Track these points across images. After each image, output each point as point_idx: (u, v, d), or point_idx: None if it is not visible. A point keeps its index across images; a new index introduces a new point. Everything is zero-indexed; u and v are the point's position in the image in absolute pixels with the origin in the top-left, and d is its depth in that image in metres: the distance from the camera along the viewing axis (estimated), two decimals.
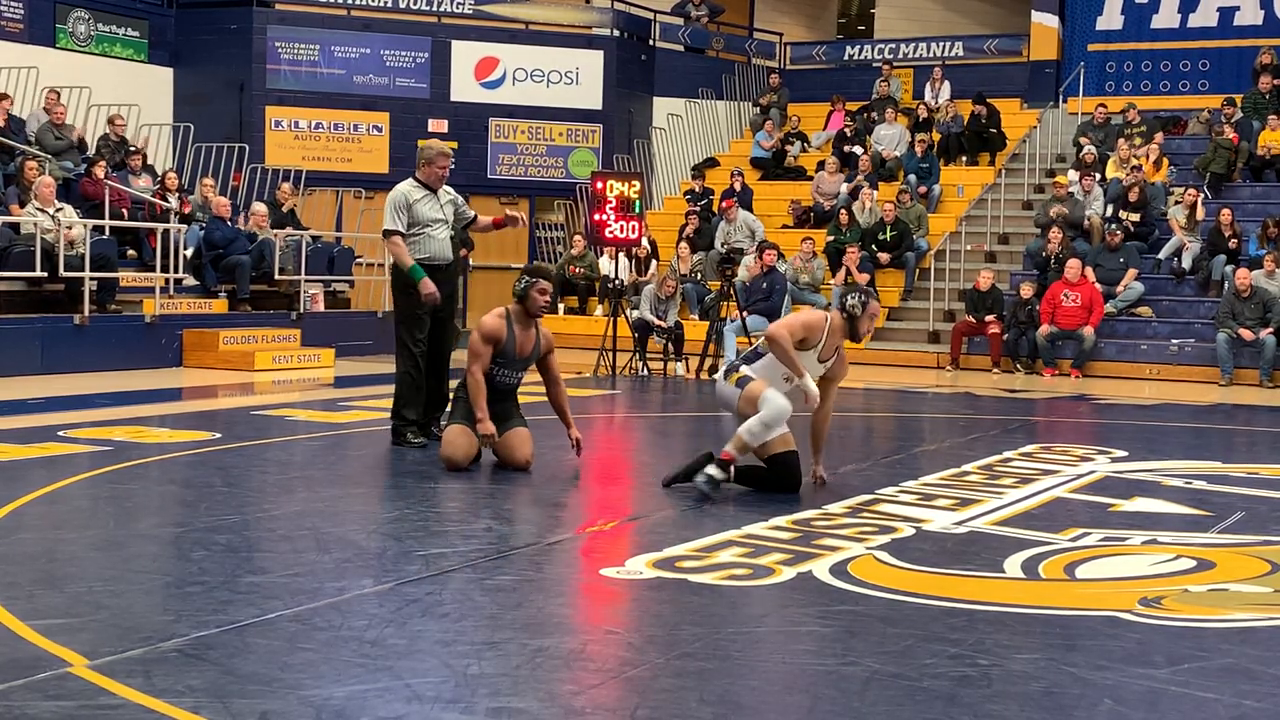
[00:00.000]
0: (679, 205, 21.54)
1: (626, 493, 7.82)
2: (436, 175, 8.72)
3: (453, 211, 8.87)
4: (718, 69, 24.61)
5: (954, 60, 23.98)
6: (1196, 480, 8.09)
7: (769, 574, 5.35)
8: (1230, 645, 4.54)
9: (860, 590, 5.16)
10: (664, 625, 4.65)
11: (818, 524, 6.38)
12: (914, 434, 11.32)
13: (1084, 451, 9.27)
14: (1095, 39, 22.94)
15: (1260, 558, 5.95)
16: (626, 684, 4.00)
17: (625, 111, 22.83)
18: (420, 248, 8.66)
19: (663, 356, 15.61)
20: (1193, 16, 22.35)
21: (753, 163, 22.69)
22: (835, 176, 20.74)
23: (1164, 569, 5.71)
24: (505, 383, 7.98)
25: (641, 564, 5.47)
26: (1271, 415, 12.74)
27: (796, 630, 4.61)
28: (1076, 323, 16.21)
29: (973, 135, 21.56)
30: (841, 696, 3.93)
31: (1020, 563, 5.71)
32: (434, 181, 8.73)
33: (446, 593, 4.95)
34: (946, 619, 4.80)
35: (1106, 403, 13.46)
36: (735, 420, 7.22)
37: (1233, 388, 15.14)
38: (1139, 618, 4.85)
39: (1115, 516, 6.90)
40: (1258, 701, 3.93)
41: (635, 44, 23.43)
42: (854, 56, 25.44)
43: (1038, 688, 4.05)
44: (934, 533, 6.32)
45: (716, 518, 6.53)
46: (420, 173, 8.75)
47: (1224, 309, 15.73)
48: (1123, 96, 21.91)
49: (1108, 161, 19.47)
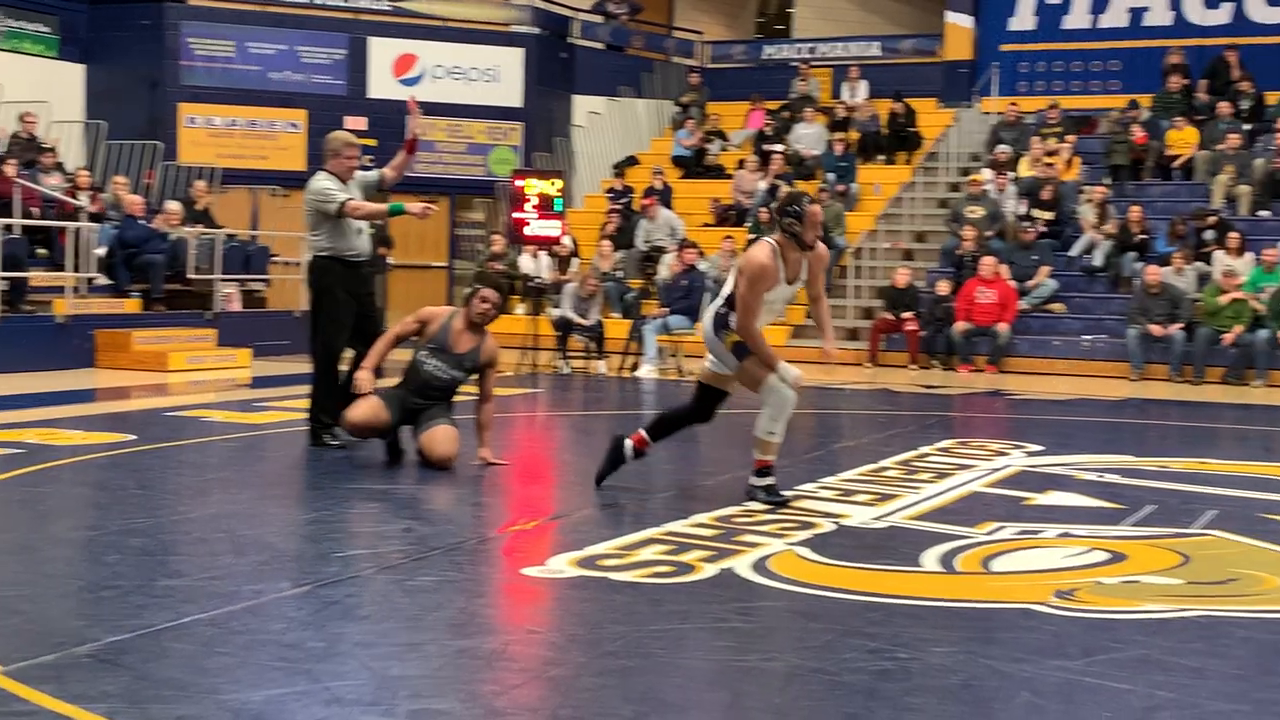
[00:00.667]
0: (600, 203, 21.53)
1: (549, 492, 7.82)
2: (346, 166, 8.61)
3: (365, 198, 8.76)
4: (637, 67, 24.63)
5: (871, 60, 24.17)
6: (1109, 474, 8.22)
7: (691, 571, 5.37)
8: (1143, 636, 4.62)
9: (781, 586, 5.19)
10: (586, 624, 4.65)
11: (739, 520, 6.41)
12: (833, 430, 11.40)
13: (999, 446, 9.39)
14: (1008, 39, 23.22)
15: (1171, 550, 6.06)
16: (549, 684, 4.00)
17: (545, 109, 22.78)
18: (336, 241, 8.55)
19: (584, 355, 15.60)
20: (1103, 17, 22.69)
21: (674, 161, 22.73)
22: (755, 175, 20.84)
23: (1078, 561, 5.80)
24: (435, 375, 7.86)
25: (563, 563, 5.46)
26: (1181, 409, 12.97)
27: (718, 627, 4.63)
28: (991, 319, 16.41)
29: (890, 134, 21.75)
30: (763, 693, 3.95)
31: (937, 557, 5.78)
32: (344, 173, 8.62)
33: (366, 595, 4.92)
34: (866, 613, 4.85)
35: (1021, 398, 13.64)
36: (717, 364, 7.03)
37: (1143, 382, 15.40)
38: (1054, 610, 4.92)
39: (1030, 510, 7.00)
40: (1170, 692, 4.00)
41: (555, 41, 23.38)
42: (772, 56, 25.57)
43: (956, 681, 4.09)
44: (853, 528, 6.37)
45: (638, 516, 6.54)
46: (330, 165, 8.62)
47: (1134, 305, 16.00)
48: (1036, 96, 22.21)
49: (1021, 160, 19.72)
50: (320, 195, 8.48)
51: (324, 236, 8.56)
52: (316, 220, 8.55)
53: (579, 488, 7.30)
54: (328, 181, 8.53)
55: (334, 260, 8.56)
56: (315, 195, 8.51)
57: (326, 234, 8.55)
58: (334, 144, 8.65)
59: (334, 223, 8.50)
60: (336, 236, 8.55)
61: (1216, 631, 4.70)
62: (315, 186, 8.55)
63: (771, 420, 6.79)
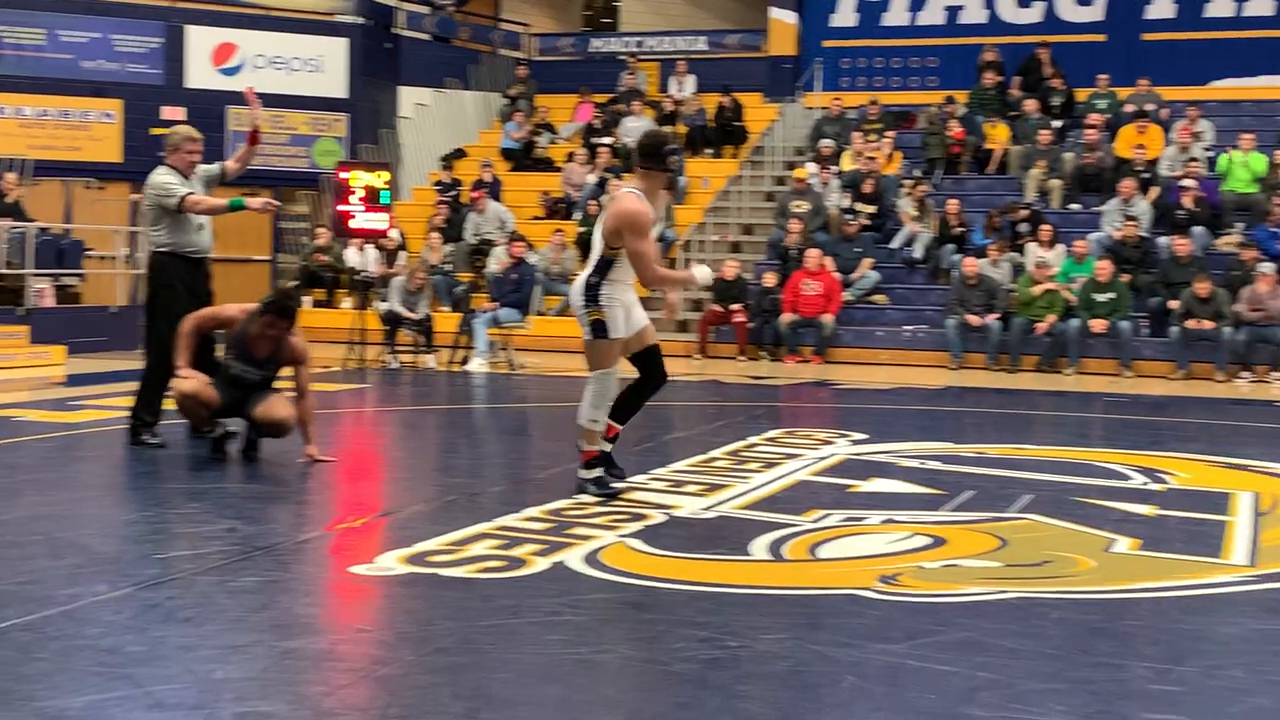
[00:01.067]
0: (428, 196, 21.34)
1: (377, 488, 7.72)
2: (187, 161, 8.50)
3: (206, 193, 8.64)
4: (464, 59, 24.46)
5: (697, 54, 24.39)
6: (930, 460, 8.43)
7: (522, 565, 5.35)
8: (964, 619, 4.74)
9: (613, 578, 5.21)
10: (416, 621, 4.60)
11: (570, 513, 6.41)
12: (663, 422, 11.46)
13: (825, 435, 9.55)
14: (830, 35, 23.63)
15: (990, 534, 6.23)
16: (378, 683, 3.95)
17: (371, 100, 22.48)
18: (176, 237, 8.41)
19: (413, 349, 15.45)
20: (921, 15, 23.23)
21: (502, 154, 22.64)
22: (584, 168, 20.86)
23: (901, 547, 5.93)
24: (243, 376, 7.81)
25: (392, 560, 5.40)
26: (998, 397, 13.36)
27: (550, 620, 4.62)
28: (817, 310, 16.70)
29: (717, 128, 21.97)
30: (595, 684, 3.96)
31: (766, 545, 5.85)
32: (185, 168, 8.51)
33: (188, 597, 4.80)
34: (696, 603, 4.89)
35: (846, 387, 13.91)
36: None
37: (962, 371, 15.82)
38: (878, 595, 5.02)
39: (855, 497, 7.14)
40: (990, 673, 4.12)
41: (380, 32, 23.07)
42: (600, 49, 25.64)
43: (784, 667, 4.15)
44: (684, 519, 6.42)
45: (469, 510, 6.50)
46: (170, 159, 8.51)
47: (953, 296, 16.43)
48: (858, 92, 22.64)
49: (844, 154, 20.10)
50: (161, 190, 8.36)
51: (164, 232, 8.43)
52: (157, 215, 8.42)
53: (408, 484, 7.23)
54: (168, 176, 8.42)
55: (174, 256, 8.44)
56: (156, 190, 8.39)
57: (167, 229, 8.42)
58: (174, 139, 8.56)
59: (174, 218, 8.38)
60: (177, 232, 8.42)
61: (1033, 613, 4.84)
62: (156, 181, 8.43)
63: (593, 408, 6.81)
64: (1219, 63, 21.60)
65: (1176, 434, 10.64)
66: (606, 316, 6.74)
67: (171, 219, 8.38)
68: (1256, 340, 15.17)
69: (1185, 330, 15.25)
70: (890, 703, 3.86)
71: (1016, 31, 22.45)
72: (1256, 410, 12.50)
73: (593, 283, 6.77)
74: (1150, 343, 15.88)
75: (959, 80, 21.93)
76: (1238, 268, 15.80)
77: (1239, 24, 21.63)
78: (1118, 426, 11.31)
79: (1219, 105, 20.66)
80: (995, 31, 22.48)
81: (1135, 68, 20.87)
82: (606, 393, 6.81)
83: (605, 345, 6.77)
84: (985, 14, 22.85)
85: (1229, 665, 4.29)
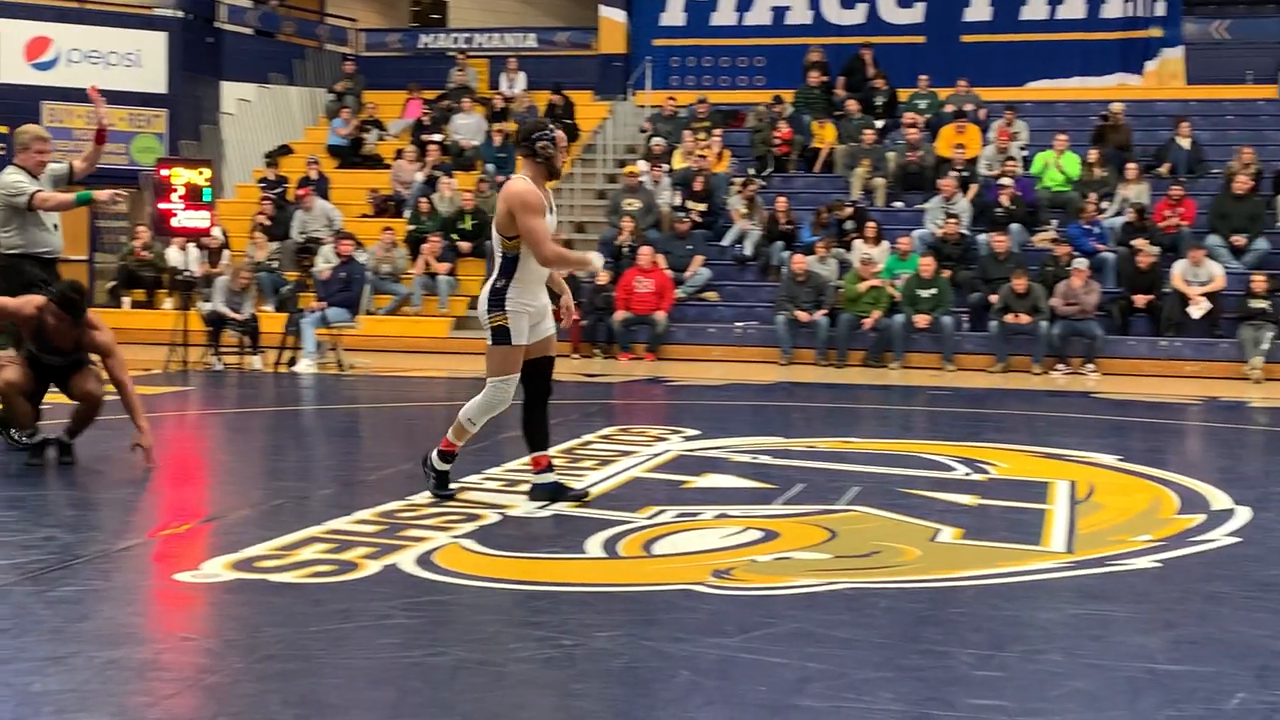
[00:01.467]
0: (252, 193, 20.89)
1: (202, 493, 7.54)
2: (36, 160, 8.48)
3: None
4: (289, 54, 24.02)
5: (528, 51, 24.32)
6: (761, 455, 8.54)
7: (353, 569, 5.28)
8: (796, 611, 4.81)
9: (447, 579, 5.17)
10: (244, 628, 4.51)
11: (403, 515, 6.35)
12: (497, 421, 11.39)
13: (659, 432, 9.62)
14: (660, 34, 23.77)
15: (820, 526, 6.34)
16: (205, 692, 3.86)
17: (192, 96, 21.92)
18: (28, 238, 8.34)
19: (238, 350, 15.12)
20: (749, 15, 23.51)
21: (329, 150, 22.28)
22: (414, 165, 20.66)
23: (734, 541, 6.00)
24: (53, 365, 7.66)
25: (218, 566, 5.28)
26: (827, 391, 13.59)
27: (382, 624, 4.56)
28: (649, 308, 16.79)
29: None
30: (428, 688, 3.92)
31: (601, 542, 5.87)
32: (35, 167, 8.49)
33: (5, 608, 4.63)
34: (532, 602, 4.88)
35: (679, 384, 14.01)
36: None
37: (792, 367, 16.06)
38: (712, 589, 5.07)
39: (688, 493, 7.20)
40: (821, 664, 4.18)
41: (200, 26, 22.52)
42: (429, 45, 25.39)
43: (619, 664, 4.17)
44: (519, 518, 6.41)
45: (298, 514, 6.39)
46: (19, 159, 8.48)
47: (782, 293, 16.66)
48: (687, 90, 22.81)
49: (674, 153, 20.24)
50: (10, 189, 8.31)
51: (15, 233, 8.37)
52: (7, 216, 8.37)
53: (234, 488, 7.08)
54: (17, 175, 8.40)
55: (26, 258, 8.36)
56: (5, 190, 8.34)
57: (17, 230, 8.36)
58: (23, 138, 8.53)
59: (25, 218, 8.33)
60: (29, 233, 8.37)
61: (863, 603, 4.94)
62: (4, 180, 8.40)
63: (480, 412, 6.66)
64: (1034, 64, 22.29)
65: (997, 425, 10.95)
66: (510, 322, 6.56)
67: (22, 220, 8.33)
68: (1071, 334, 15.69)
69: (1004, 324, 15.70)
70: (723, 696, 3.90)
71: (841, 32, 22.86)
72: (1072, 401, 12.94)
73: (499, 287, 6.58)
74: (971, 337, 16.32)
75: (786, 80, 22.24)
76: (1053, 264, 16.32)
77: (1052, 27, 22.35)
78: (941, 419, 11.60)
79: (1034, 106, 21.33)
80: (820, 32, 22.85)
81: (955, 69, 21.41)
82: (500, 401, 6.63)
83: (505, 351, 6.59)
84: (810, 15, 23.22)
85: (1048, 650, 4.43)
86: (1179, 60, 22.01)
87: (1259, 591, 5.23)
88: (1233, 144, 19.11)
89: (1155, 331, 16.02)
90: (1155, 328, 16.03)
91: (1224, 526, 6.47)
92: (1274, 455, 9.46)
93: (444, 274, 17.96)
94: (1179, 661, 4.29)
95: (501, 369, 6.61)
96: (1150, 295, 15.98)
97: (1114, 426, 10.73)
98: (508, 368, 6.61)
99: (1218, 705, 3.86)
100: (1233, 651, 4.39)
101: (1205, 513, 6.82)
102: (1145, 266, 16.05)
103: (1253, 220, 16.96)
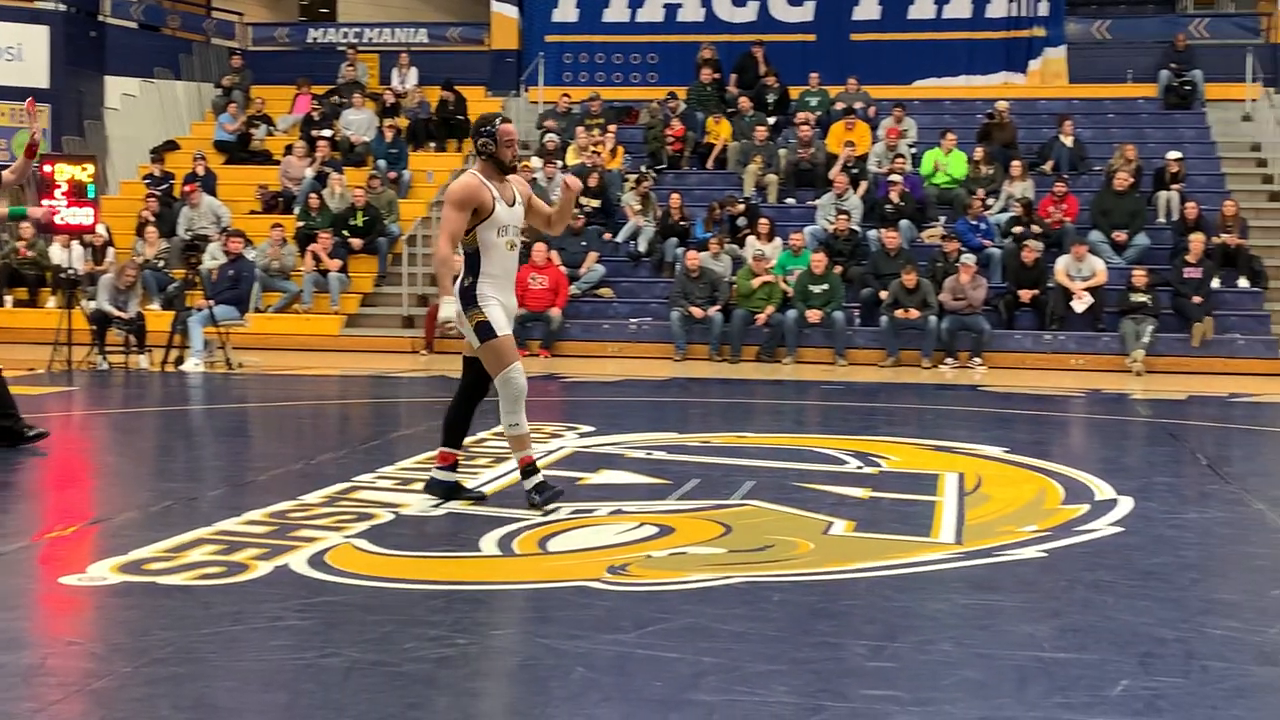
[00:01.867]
0: (138, 190, 20.50)
1: (88, 495, 7.39)
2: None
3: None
4: (175, 48, 23.60)
5: (419, 47, 24.12)
6: (656, 451, 8.57)
7: (244, 570, 5.21)
8: (690, 606, 4.84)
9: (340, 580, 5.12)
10: (131, 632, 4.43)
11: (294, 515, 6.27)
12: (390, 419, 11.35)
13: (554, 428, 9.60)
14: (552, 30, 23.72)
15: (714, 520, 6.37)
16: (92, 697, 3.78)
17: (75, 91, 21.45)
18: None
19: (124, 349, 14.83)
20: (641, 11, 23.54)
21: (216, 146, 21.92)
22: (303, 161, 20.40)
23: (629, 537, 6.01)
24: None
25: (105, 569, 5.18)
26: (721, 387, 13.67)
27: (274, 626, 4.51)
28: (544, 304, 16.76)
29: (440, 122, 21.80)
30: (321, 689, 3.88)
31: (496, 540, 5.85)
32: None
33: None
34: (426, 602, 4.85)
35: (574, 381, 14.01)
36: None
37: (686, 362, 16.13)
38: (607, 585, 5.08)
39: (584, 489, 7.20)
40: (715, 658, 4.21)
41: (84, 19, 22.05)
42: (318, 39, 25.09)
43: (514, 662, 4.16)
44: (412, 517, 6.36)
45: (187, 516, 6.28)
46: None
47: (676, 289, 16.73)
48: (580, 87, 22.80)
49: (568, 149, 20.22)
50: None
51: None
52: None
53: (122, 489, 6.95)
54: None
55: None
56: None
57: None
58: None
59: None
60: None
61: (757, 596, 4.98)
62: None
63: (509, 413, 6.54)
64: (922, 63, 22.61)
65: (887, 419, 11.10)
66: (488, 316, 6.46)
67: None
68: (959, 328, 15.94)
69: (894, 319, 15.90)
70: (619, 692, 3.91)
71: (732, 30, 22.99)
72: (960, 395, 13.15)
73: (466, 285, 6.48)
74: (862, 332, 16.50)
75: (678, 77, 22.32)
76: (941, 259, 16.57)
77: (939, 26, 22.67)
78: (833, 413, 11.72)
79: (922, 104, 21.63)
80: (712, 29, 22.95)
81: (845, 67, 21.64)
82: (517, 389, 6.52)
83: (493, 346, 6.48)
84: (702, 12, 23.31)
85: (939, 640, 4.50)
86: (1061, 60, 22.45)
87: (1141, 580, 5.35)
88: (1114, 141, 19.56)
89: (1040, 326, 16.33)
90: (1040, 322, 16.35)
91: (1107, 516, 6.62)
92: (1155, 446, 9.70)
93: (335, 271, 17.77)
94: (1065, 649, 4.38)
95: (499, 363, 6.51)
96: (1035, 290, 16.29)
97: (1001, 419, 10.92)
98: (504, 359, 6.51)
99: (1103, 692, 3.94)
100: (1117, 639, 4.49)
101: (1089, 503, 6.97)
102: (1030, 262, 16.36)
103: (1133, 216, 17.36)
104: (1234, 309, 16.48)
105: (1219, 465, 8.50)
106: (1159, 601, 5.00)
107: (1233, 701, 3.90)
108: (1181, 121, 20.96)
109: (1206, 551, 5.94)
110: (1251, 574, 5.51)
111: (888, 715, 3.72)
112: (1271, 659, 4.31)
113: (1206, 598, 5.09)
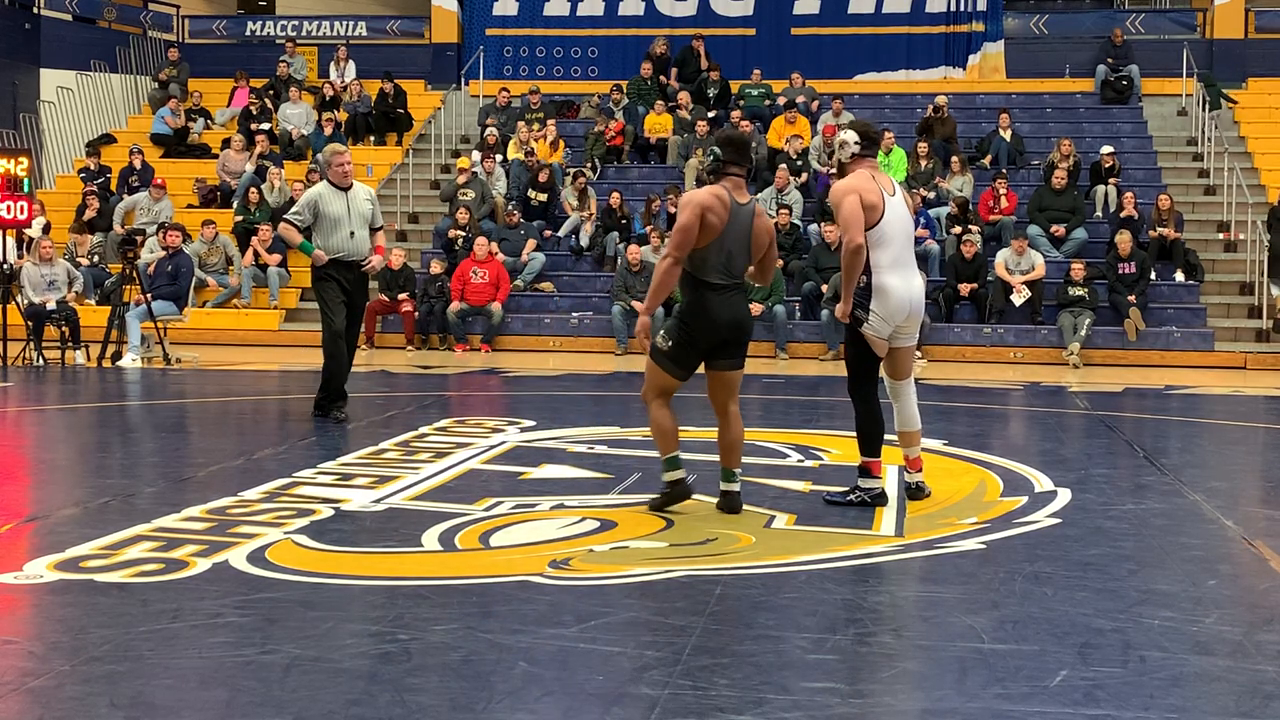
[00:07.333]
0: (74, 184, 20.27)
1: (23, 492, 7.29)
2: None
3: None
4: (111, 40, 23.34)
5: (358, 40, 24.00)
6: (598, 445, 8.57)
7: (183, 567, 5.16)
8: (632, 599, 4.84)
9: (279, 576, 5.08)
10: (69, 630, 4.38)
11: (233, 512, 6.22)
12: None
13: (495, 423, 9.58)
14: (493, 24, 23.66)
15: (656, 515, 6.37)
16: (28, 696, 3.74)
17: (9, 84, 21.18)
18: None
19: (60, 345, 14.65)
20: (581, 6, 23.53)
21: (153, 139, 21.71)
22: (241, 155, 20.24)
23: (571, 531, 6.01)
24: None
25: (41, 567, 5.12)
26: None
27: (213, 623, 4.47)
28: (485, 299, 16.71)
29: (380, 115, 21.68)
30: (261, 686, 3.85)
31: (438, 535, 5.83)
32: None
33: None
34: (367, 597, 4.83)
35: (515, 375, 13.97)
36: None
37: (628, 357, 16.12)
38: (549, 580, 5.08)
39: (526, 484, 7.19)
40: (657, 651, 4.22)
41: (18, 11, 21.76)
42: (256, 32, 24.90)
43: (456, 657, 4.15)
44: (353, 512, 6.33)
45: (124, 513, 6.22)
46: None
47: (618, 283, 16.72)
48: (521, 80, 22.75)
49: (509, 143, 20.17)
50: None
51: None
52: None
53: (58, 486, 6.87)
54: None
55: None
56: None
57: None
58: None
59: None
60: None
61: (698, 590, 4.99)
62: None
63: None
64: (861, 57, 22.74)
65: (828, 413, 11.14)
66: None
67: None
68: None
69: (834, 314, 15.96)
70: (560, 686, 3.91)
71: (672, 24, 23.04)
72: None
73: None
74: (803, 325, 16.58)
75: (619, 70, 22.33)
76: None
77: (879, 20, 22.81)
78: (774, 406, 11.76)
79: (862, 98, 21.74)
80: (653, 23, 22.98)
81: (785, 61, 21.74)
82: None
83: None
84: (642, 6, 23.33)
85: (879, 632, 4.53)
86: (1000, 54, 22.66)
87: (1079, 571, 5.41)
88: (1052, 136, 19.76)
89: (980, 319, 16.47)
90: (979, 315, 16.48)
91: (1046, 508, 6.69)
92: (1093, 438, 9.80)
93: (274, 266, 17.64)
94: (1004, 641, 4.42)
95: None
96: (974, 284, 16.42)
97: (940, 412, 10.99)
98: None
99: (1042, 683, 3.98)
100: (1056, 630, 4.54)
101: (1028, 495, 7.04)
102: (969, 256, 16.49)
103: (1072, 211, 17.54)
104: (1170, 302, 16.69)
105: (1155, 457, 8.61)
106: (1097, 592, 5.05)
107: (1169, 691, 3.95)
108: (1119, 116, 21.20)
109: (1143, 542, 6.02)
110: (1187, 564, 5.59)
111: (828, 707, 3.74)
112: (1207, 649, 4.37)
113: (1143, 588, 5.15)
